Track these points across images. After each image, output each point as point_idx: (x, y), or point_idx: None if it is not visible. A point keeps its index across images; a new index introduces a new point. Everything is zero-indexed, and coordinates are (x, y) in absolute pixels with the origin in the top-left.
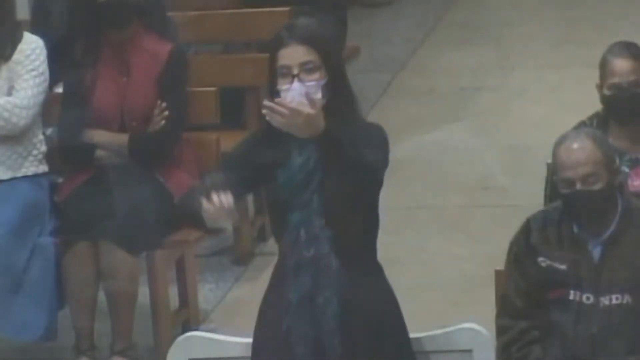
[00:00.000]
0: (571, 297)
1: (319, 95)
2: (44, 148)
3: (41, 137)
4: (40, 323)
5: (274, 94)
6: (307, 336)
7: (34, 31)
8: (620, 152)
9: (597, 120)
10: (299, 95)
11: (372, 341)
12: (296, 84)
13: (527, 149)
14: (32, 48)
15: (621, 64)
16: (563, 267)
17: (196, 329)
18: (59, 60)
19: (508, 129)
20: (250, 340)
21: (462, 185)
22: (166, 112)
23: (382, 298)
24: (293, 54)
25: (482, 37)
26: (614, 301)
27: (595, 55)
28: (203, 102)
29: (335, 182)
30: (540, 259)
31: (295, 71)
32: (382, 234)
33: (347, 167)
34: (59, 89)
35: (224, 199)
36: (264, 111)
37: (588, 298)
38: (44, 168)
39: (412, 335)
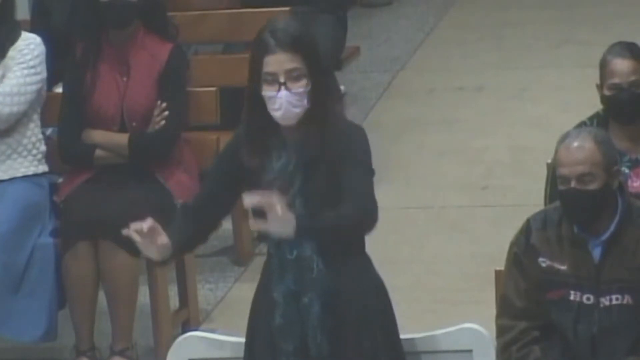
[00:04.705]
0: (571, 297)
1: (304, 102)
2: (43, 148)
3: (41, 136)
4: (40, 323)
5: (256, 97)
6: (294, 335)
7: (33, 31)
8: (620, 152)
9: (597, 120)
10: (286, 103)
11: (362, 335)
12: (283, 93)
13: (527, 149)
14: (26, 44)
15: (621, 64)
16: (563, 267)
17: (196, 329)
18: (59, 60)
19: (508, 129)
20: None
21: (462, 185)
22: (166, 112)
23: (373, 290)
24: (279, 62)
25: (482, 37)
26: (614, 301)
27: (595, 55)
28: (203, 102)
29: (317, 185)
30: (540, 259)
31: (282, 79)
32: (382, 234)
33: (334, 237)
34: (59, 89)
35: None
36: (250, 222)
37: (588, 298)
38: (43, 168)
39: (412, 335)
